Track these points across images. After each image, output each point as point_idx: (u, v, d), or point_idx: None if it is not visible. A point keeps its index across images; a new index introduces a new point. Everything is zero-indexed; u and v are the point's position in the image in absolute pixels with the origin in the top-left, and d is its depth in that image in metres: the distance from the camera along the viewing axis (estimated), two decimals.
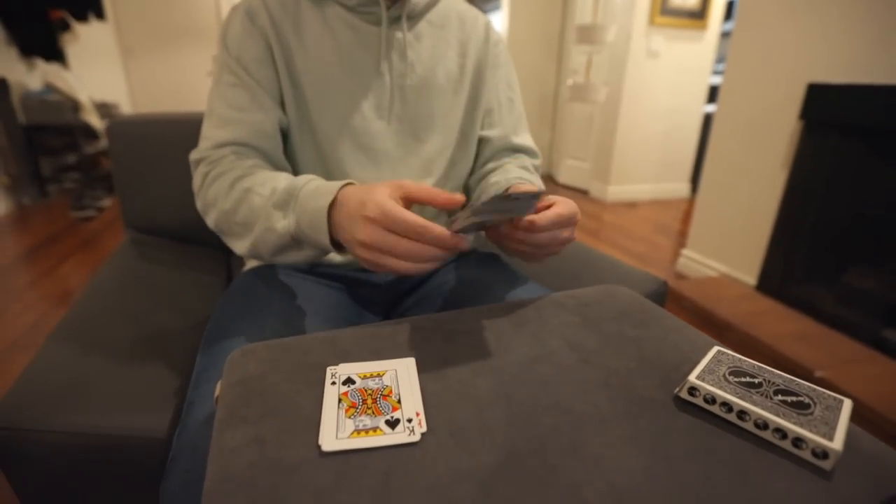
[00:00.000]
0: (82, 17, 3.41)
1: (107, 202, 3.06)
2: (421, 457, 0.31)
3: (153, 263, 0.92)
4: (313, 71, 0.65)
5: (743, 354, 0.39)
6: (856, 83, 1.57)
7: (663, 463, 0.30)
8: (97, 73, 3.72)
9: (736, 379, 0.36)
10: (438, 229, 0.43)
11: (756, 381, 0.36)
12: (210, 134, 0.65)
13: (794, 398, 0.34)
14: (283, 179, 0.57)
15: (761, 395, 0.34)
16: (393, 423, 0.34)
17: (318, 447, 0.32)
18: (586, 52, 3.47)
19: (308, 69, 0.65)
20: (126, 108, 4.14)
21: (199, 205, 0.65)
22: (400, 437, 0.32)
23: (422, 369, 0.39)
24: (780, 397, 0.34)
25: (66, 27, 3.29)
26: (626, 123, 3.40)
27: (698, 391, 0.35)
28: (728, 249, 2.10)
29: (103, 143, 3.26)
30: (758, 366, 0.38)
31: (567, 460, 0.30)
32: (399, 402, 0.36)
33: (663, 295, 0.85)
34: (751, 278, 1.98)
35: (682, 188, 3.75)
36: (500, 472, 0.30)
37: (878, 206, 1.60)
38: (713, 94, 3.51)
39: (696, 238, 2.25)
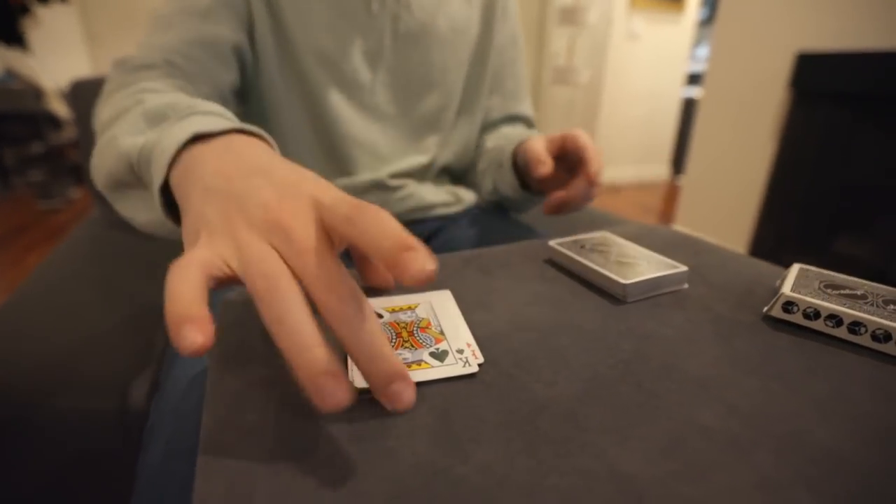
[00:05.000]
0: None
1: (75, 194, 2.91)
2: (484, 390, 0.25)
3: (126, 232, 0.83)
4: (296, 5, 0.56)
5: None
6: (845, 50, 1.55)
7: (780, 382, 0.25)
8: (61, 59, 3.52)
9: (835, 291, 0.31)
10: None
11: (858, 292, 0.31)
12: (146, 40, 0.51)
13: None
14: (201, 102, 0.37)
15: (870, 304, 0.29)
16: (439, 355, 0.27)
17: (350, 384, 0.25)
18: (567, 34, 3.44)
19: (290, 2, 0.55)
20: None
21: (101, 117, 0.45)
22: (452, 368, 0.26)
23: (460, 301, 0.33)
24: (892, 307, 0.29)
25: (25, 10, 3.10)
26: (609, 107, 3.38)
27: (796, 305, 0.30)
28: (717, 223, 2.08)
29: (69, 133, 3.09)
30: (852, 279, 0.33)
31: (665, 384, 0.24)
32: (442, 333, 0.29)
33: None
34: (741, 251, 1.97)
35: (662, 171, 3.76)
36: (589, 400, 0.23)
37: (869, 172, 1.60)
38: (691, 79, 3.55)
39: (684, 213, 2.23)
